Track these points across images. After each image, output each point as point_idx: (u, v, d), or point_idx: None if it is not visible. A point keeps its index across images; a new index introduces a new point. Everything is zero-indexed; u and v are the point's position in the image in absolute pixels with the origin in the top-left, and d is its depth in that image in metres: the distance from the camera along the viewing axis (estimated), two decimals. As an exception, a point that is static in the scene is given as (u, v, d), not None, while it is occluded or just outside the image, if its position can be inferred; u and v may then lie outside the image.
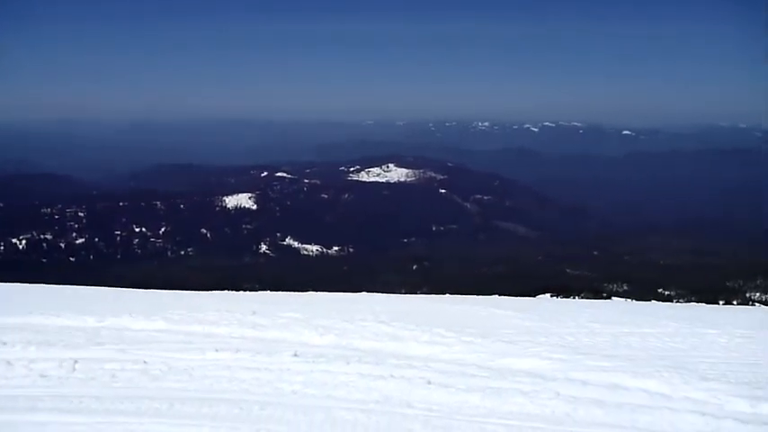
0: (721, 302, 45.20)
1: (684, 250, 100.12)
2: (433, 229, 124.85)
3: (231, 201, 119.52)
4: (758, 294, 75.47)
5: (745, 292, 75.69)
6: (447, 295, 15.65)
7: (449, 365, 6.61)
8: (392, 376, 6.02)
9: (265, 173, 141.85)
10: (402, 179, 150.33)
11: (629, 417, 5.09)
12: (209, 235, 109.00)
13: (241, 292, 15.95)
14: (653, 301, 32.33)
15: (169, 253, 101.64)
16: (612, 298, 44.22)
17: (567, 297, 42.15)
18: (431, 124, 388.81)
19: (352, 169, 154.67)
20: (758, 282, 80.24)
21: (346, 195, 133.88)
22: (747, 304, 49.97)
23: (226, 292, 15.36)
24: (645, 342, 8.29)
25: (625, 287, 73.79)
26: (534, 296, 32.23)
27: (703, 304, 21.71)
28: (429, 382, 5.82)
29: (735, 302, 51.38)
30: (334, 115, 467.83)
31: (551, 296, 42.61)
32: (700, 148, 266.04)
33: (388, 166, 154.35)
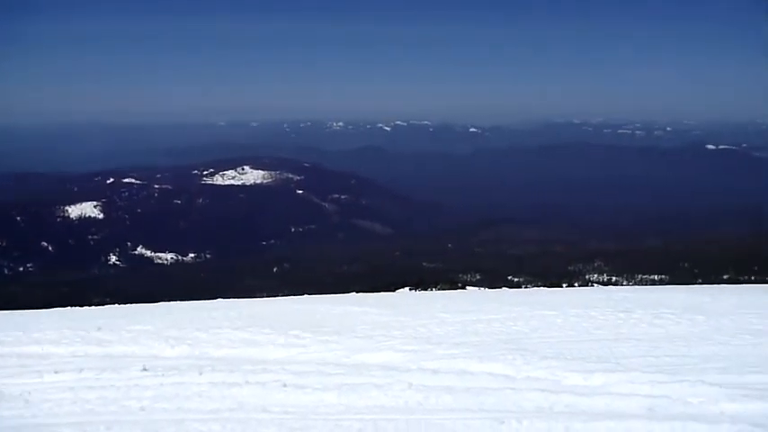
0: (564, 285, 48.26)
1: (531, 239, 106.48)
2: (292, 230, 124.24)
3: (74, 210, 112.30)
4: (596, 276, 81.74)
5: (585, 275, 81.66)
6: (305, 296, 15.62)
7: (305, 366, 6.62)
8: (247, 382, 5.94)
9: (111, 179, 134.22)
10: (258, 181, 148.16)
11: (476, 400, 5.33)
12: (50, 248, 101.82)
13: (86, 308, 15.03)
14: (503, 289, 34.10)
15: (6, 270, 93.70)
16: (467, 288, 45.99)
17: (425, 290, 43.49)
18: (285, 125, 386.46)
19: (205, 173, 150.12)
20: (596, 264, 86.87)
21: (201, 200, 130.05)
22: (587, 286, 53.66)
23: (69, 308, 14.37)
24: (491, 328, 8.75)
25: (478, 277, 77.22)
26: (394, 291, 33.00)
27: (546, 288, 23.23)
28: (285, 385, 5.80)
29: (576, 284, 55.01)
30: (184, 117, 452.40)
31: (410, 290, 43.77)
32: (539, 143, 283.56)
33: (243, 169, 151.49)
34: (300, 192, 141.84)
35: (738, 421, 4.61)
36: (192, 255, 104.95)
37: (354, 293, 16.08)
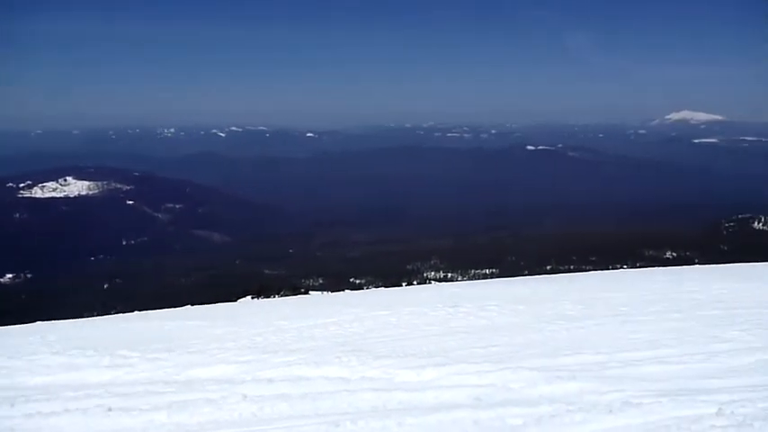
0: (404, 284, 49.55)
1: (370, 241, 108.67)
2: (124, 243, 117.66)
3: None
4: (433, 273, 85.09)
5: (423, 273, 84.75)
6: (135, 312, 14.84)
7: (132, 387, 6.27)
8: (67, 410, 5.51)
9: None
10: (83, 192, 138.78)
11: (311, 405, 5.32)
12: None
13: None
14: (345, 291, 34.46)
15: None
16: (310, 293, 45.97)
17: (268, 297, 42.82)
18: (111, 132, 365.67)
19: (22, 185, 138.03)
20: (432, 262, 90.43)
21: (18, 215, 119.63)
22: (425, 283, 55.52)
23: None
24: (327, 331, 8.79)
25: (320, 281, 77.56)
26: (235, 301, 32.20)
27: (384, 288, 23.78)
28: (109, 409, 5.45)
29: (415, 282, 56.72)
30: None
31: (252, 298, 42.90)
32: (373, 146, 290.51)
33: (65, 180, 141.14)
34: (131, 202, 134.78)
35: (555, 402, 4.96)
36: (9, 276, 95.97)
37: (189, 306, 15.48)
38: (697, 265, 19.46)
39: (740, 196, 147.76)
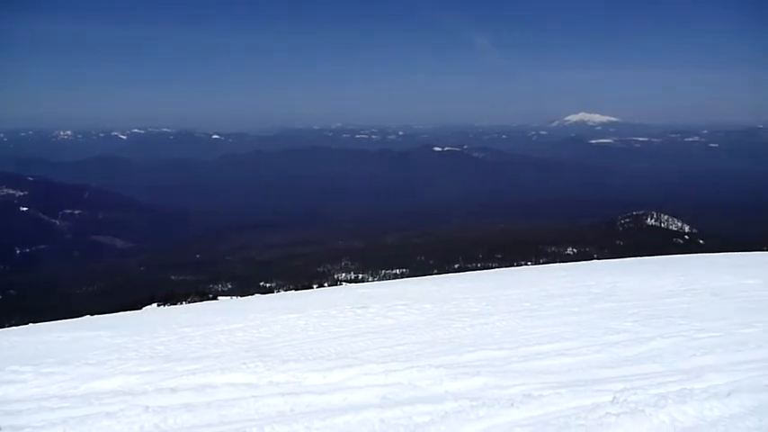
0: (315, 286, 49.29)
1: (279, 243, 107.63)
2: (18, 252, 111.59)
3: None
4: (344, 274, 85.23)
5: (334, 274, 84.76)
6: (30, 325, 14.06)
7: (24, 404, 5.92)
8: (-51, 433, 5.15)
9: None
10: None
11: (217, 413, 5.19)
12: None
13: None
14: (255, 296, 33.89)
15: None
16: (218, 298, 45.05)
17: (175, 304, 41.61)
18: (2, 135, 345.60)
19: None
20: (343, 263, 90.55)
21: None
22: (337, 284, 55.46)
23: None
24: (234, 337, 8.63)
25: (230, 285, 76.26)
26: (140, 308, 31.07)
27: (294, 291, 23.59)
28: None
29: (326, 284, 56.57)
30: None
31: (158, 306, 41.55)
32: (281, 148, 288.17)
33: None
34: (25, 209, 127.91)
35: (460, 397, 5.06)
36: None
37: (89, 316, 14.83)
38: (595, 260, 20.36)
39: (634, 194, 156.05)
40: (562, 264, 18.67)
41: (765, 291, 9.95)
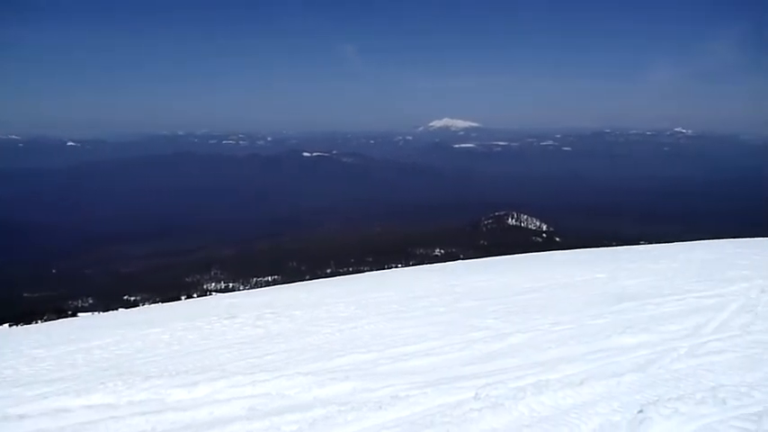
0: (183, 298, 47.67)
1: (144, 255, 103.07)
2: None
3: None
4: (214, 284, 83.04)
5: (203, 285, 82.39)
6: None
7: None
8: None
9: None
10: None
11: (70, 439, 4.89)
12: None
13: None
14: (119, 310, 32.23)
15: None
16: (78, 315, 42.44)
17: (29, 323, 38.67)
18: None
19: None
20: (213, 273, 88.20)
21: None
22: (206, 295, 53.93)
23: None
24: (90, 356, 8.13)
25: (90, 301, 72.07)
26: (-10, 330, 28.59)
27: (160, 304, 22.62)
28: None
29: (195, 295, 54.88)
30: None
31: (10, 326, 38.47)
32: (145, 154, 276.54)
33: None
34: None
35: (328, 404, 5.05)
36: None
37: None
38: (460, 261, 21.07)
39: (496, 195, 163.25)
40: (430, 265, 19.16)
41: (612, 284, 10.71)
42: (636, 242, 30.16)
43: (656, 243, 20.76)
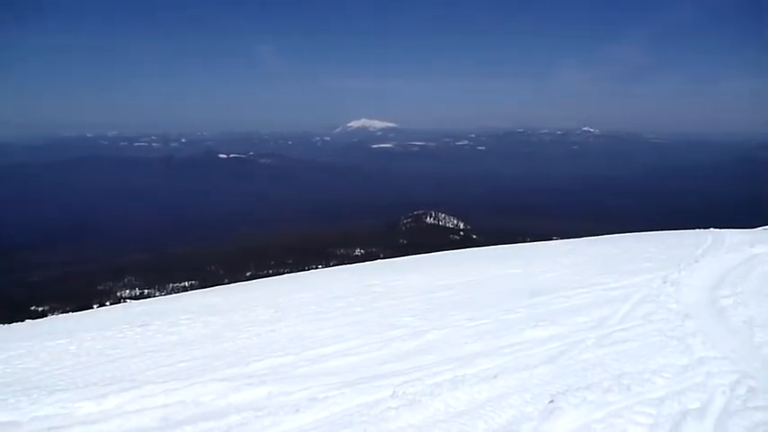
0: (96, 306, 45.88)
1: (53, 263, 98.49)
2: None
3: None
4: (128, 291, 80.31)
5: (116, 292, 79.55)
6: None
7: None
8: None
9: None
10: None
11: (-31, 461, 4.61)
12: None
13: None
14: (26, 321, 30.67)
15: None
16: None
17: None
18: None
19: None
20: (126, 280, 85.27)
21: None
22: (120, 302, 52.17)
23: None
24: (-9, 372, 7.70)
25: (-6, 313, 68.32)
26: None
27: (71, 313, 21.65)
28: None
29: (107, 303, 53.01)
30: None
31: None
32: (49, 158, 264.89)
33: None
34: None
35: (244, 409, 4.97)
36: None
37: None
38: (379, 260, 21.18)
39: (414, 195, 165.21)
40: (348, 265, 19.17)
41: (525, 279, 11.03)
42: (548, 238, 31.11)
43: (568, 238, 21.49)
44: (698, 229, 18.50)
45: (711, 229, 18.00)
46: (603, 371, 5.44)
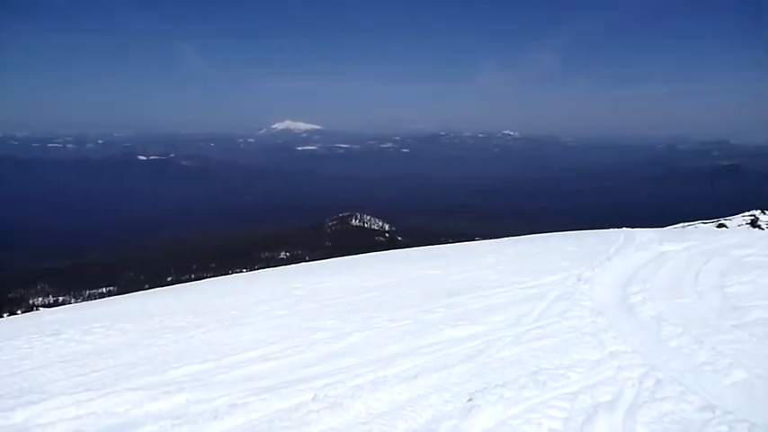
0: (6, 315, 43.90)
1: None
2: None
3: None
4: (41, 299, 77.04)
5: (29, 300, 76.21)
6: None
7: None
8: None
9: None
10: None
11: None
12: None
13: None
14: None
15: None
16: None
17: None
18: None
19: None
20: (39, 287, 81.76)
21: None
22: (32, 310, 50.06)
23: None
24: None
25: None
26: None
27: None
28: None
29: (19, 312, 50.79)
30: None
31: None
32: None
33: None
34: None
35: (161, 418, 4.84)
36: None
37: None
38: (304, 263, 21.05)
39: (340, 197, 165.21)
40: (272, 268, 18.96)
41: (446, 279, 11.20)
42: (472, 238, 31.73)
43: (491, 239, 21.96)
44: (611, 229, 19.23)
45: (624, 228, 18.74)
46: (520, 368, 5.58)
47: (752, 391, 4.94)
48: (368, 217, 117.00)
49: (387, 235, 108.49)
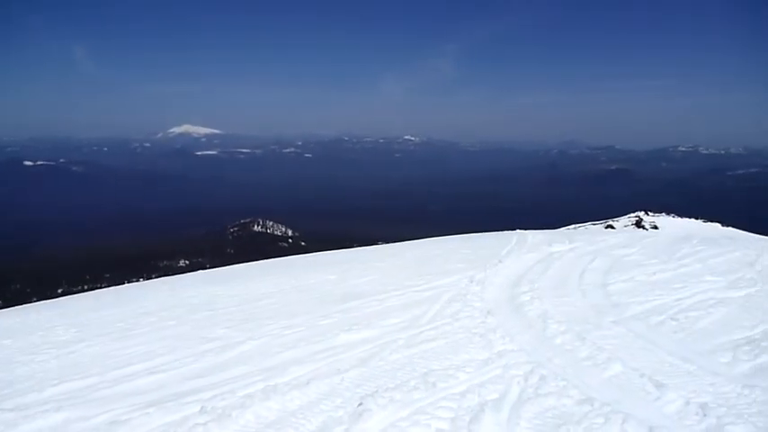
0: None
1: None
2: None
3: None
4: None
5: None
6: None
7: None
8: None
9: None
10: None
11: None
12: None
13: None
14: None
15: None
16: None
17: None
18: None
19: None
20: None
21: None
22: None
23: None
24: None
25: None
26: None
27: None
28: None
29: None
30: None
31: None
32: None
33: None
34: None
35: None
36: None
37: None
38: (201, 271, 20.48)
39: (241, 202, 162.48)
40: (166, 277, 18.34)
41: (342, 284, 11.19)
42: (374, 242, 31.91)
43: (392, 242, 22.16)
44: (505, 231, 19.83)
45: (517, 230, 19.37)
46: (412, 370, 5.65)
47: (627, 384, 5.22)
48: (270, 222, 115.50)
49: (290, 240, 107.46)
